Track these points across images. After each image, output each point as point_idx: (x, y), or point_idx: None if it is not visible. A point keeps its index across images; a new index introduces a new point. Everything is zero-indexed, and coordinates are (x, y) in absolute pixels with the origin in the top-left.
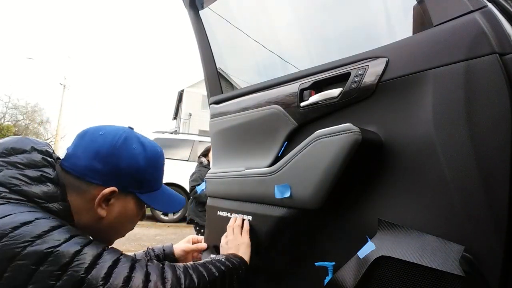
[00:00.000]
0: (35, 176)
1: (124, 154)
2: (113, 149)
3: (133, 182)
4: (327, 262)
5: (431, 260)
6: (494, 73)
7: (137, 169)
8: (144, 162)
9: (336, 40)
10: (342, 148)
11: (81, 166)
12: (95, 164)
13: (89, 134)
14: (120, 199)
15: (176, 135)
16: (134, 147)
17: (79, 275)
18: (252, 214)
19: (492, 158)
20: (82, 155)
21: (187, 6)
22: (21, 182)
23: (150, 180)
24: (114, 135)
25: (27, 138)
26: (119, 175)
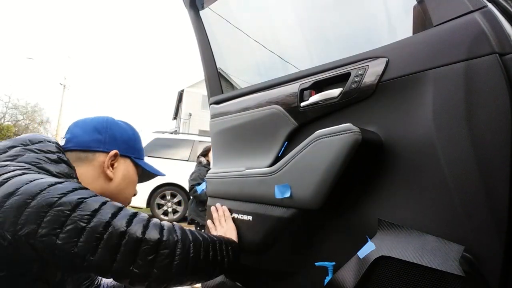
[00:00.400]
0: (53, 158)
1: (116, 126)
2: (107, 123)
3: (128, 148)
4: (327, 262)
5: (431, 260)
6: (494, 73)
7: (128, 137)
8: (131, 132)
9: (336, 40)
10: (342, 148)
11: (86, 141)
12: (96, 136)
13: (81, 122)
14: (121, 162)
15: (176, 135)
16: (120, 123)
17: (106, 219)
18: (252, 214)
19: (492, 158)
20: (83, 133)
21: (187, 6)
22: (42, 161)
23: (139, 148)
24: (102, 117)
25: (37, 134)
26: (116, 141)
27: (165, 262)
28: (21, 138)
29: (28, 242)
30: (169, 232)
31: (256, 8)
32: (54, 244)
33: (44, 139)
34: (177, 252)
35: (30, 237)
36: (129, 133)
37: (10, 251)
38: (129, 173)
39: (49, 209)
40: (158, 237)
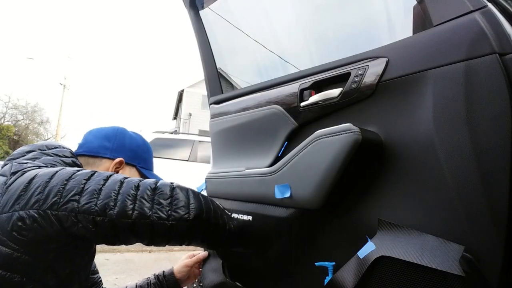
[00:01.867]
0: (67, 162)
1: (125, 135)
2: (117, 132)
3: (135, 157)
4: (327, 262)
5: (431, 260)
6: (494, 73)
7: (137, 146)
8: (141, 142)
9: (336, 40)
10: (342, 148)
11: (95, 147)
12: (105, 143)
13: (95, 129)
14: (126, 170)
15: (176, 135)
16: (131, 133)
17: (120, 178)
18: (252, 214)
19: (492, 158)
20: (94, 140)
21: (187, 6)
22: (58, 163)
23: (146, 158)
24: (113, 127)
25: (53, 141)
26: (123, 149)
27: (180, 204)
28: (39, 144)
29: (53, 214)
30: (179, 186)
31: (256, 8)
32: (76, 208)
33: (60, 145)
34: (191, 199)
35: (53, 208)
36: (138, 142)
37: (34, 230)
38: None
39: (67, 182)
40: (170, 185)
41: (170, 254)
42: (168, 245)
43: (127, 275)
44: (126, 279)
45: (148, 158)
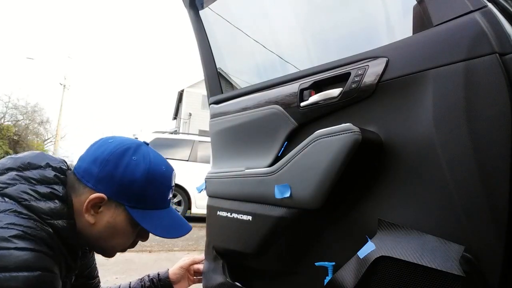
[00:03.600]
0: (44, 192)
1: (121, 162)
2: (111, 156)
3: (124, 194)
4: (327, 262)
5: (431, 260)
6: (494, 73)
7: (132, 180)
8: (141, 175)
9: (336, 40)
10: (342, 148)
11: (82, 168)
12: (92, 168)
13: (101, 141)
14: (110, 209)
15: (176, 135)
16: (133, 158)
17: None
18: (252, 214)
19: (492, 158)
20: (86, 158)
21: (187, 6)
22: (30, 197)
23: (144, 196)
24: (119, 144)
25: (43, 154)
26: (112, 182)
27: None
28: (23, 159)
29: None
30: None
31: (255, 8)
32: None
33: (47, 163)
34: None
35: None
36: (134, 175)
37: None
38: (117, 223)
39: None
40: None
41: (170, 254)
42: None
43: (127, 275)
44: (126, 279)
45: (151, 195)
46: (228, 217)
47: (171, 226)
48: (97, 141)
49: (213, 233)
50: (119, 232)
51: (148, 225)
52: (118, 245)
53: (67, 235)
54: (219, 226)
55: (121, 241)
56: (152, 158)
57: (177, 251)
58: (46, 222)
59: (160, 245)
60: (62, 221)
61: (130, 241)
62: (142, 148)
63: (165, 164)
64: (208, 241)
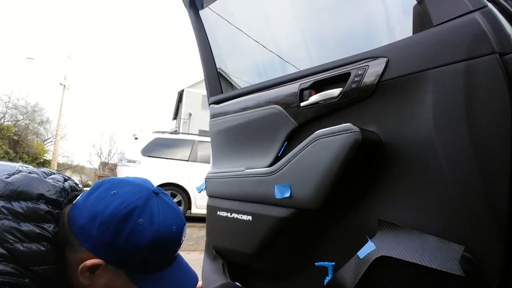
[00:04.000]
0: (31, 233)
1: (124, 228)
2: (113, 218)
3: (126, 261)
4: (327, 262)
5: (431, 260)
6: (494, 73)
7: (137, 249)
8: (147, 242)
9: (336, 40)
10: (342, 148)
11: (78, 225)
12: (90, 228)
13: (102, 189)
14: (108, 271)
15: (176, 135)
16: (139, 222)
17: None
18: (252, 214)
19: (492, 157)
20: (83, 212)
21: (187, 6)
22: (14, 239)
23: (150, 262)
24: (123, 202)
25: (40, 181)
26: (113, 249)
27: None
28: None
29: None
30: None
31: (255, 7)
32: None
33: (40, 194)
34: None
35: None
36: (141, 242)
37: None
38: (115, 286)
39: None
40: None
41: None
42: None
43: None
44: None
45: (158, 260)
46: (228, 217)
47: (175, 285)
48: (98, 185)
49: (213, 233)
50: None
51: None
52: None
53: (53, 281)
54: (219, 226)
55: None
56: (161, 218)
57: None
58: (28, 269)
59: None
60: (48, 266)
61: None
62: (151, 205)
63: (176, 222)
64: (208, 241)
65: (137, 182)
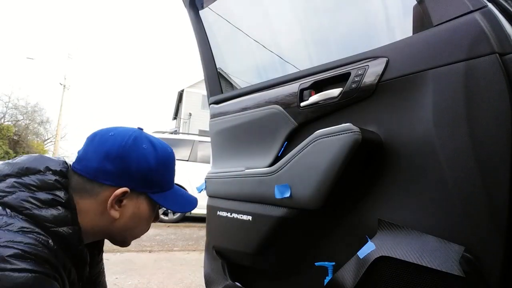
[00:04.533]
0: (46, 199)
1: (134, 154)
2: (123, 150)
3: (144, 182)
4: (327, 262)
5: (431, 260)
6: (494, 73)
7: (148, 169)
8: (154, 162)
9: (336, 40)
10: (342, 148)
11: (93, 168)
12: (106, 165)
13: (99, 136)
14: (132, 199)
15: (176, 135)
16: (144, 147)
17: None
18: (252, 214)
19: (492, 157)
20: (93, 157)
21: (187, 6)
22: (32, 205)
23: (161, 180)
24: (124, 136)
25: (42, 156)
26: (130, 175)
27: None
28: (20, 164)
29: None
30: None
31: (255, 7)
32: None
33: (46, 167)
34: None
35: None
36: (150, 163)
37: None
38: (141, 211)
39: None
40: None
41: (170, 254)
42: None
43: (127, 275)
44: (126, 279)
45: (166, 179)
46: (228, 217)
47: (184, 201)
48: (93, 136)
49: (213, 233)
50: (142, 219)
51: (170, 205)
52: (142, 231)
53: (73, 242)
54: (219, 226)
55: (144, 227)
56: (155, 142)
57: (177, 251)
58: (50, 231)
59: (160, 245)
60: (67, 228)
61: (150, 225)
62: (143, 135)
63: (168, 146)
64: (208, 241)
65: (122, 126)
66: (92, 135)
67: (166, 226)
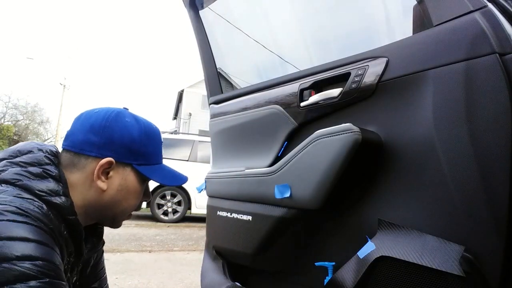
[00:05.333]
0: (37, 172)
1: (117, 125)
2: (106, 122)
3: (129, 153)
4: (327, 262)
5: (431, 260)
6: (494, 73)
7: (131, 139)
8: (137, 133)
9: (336, 40)
10: (342, 148)
11: (79, 141)
12: (91, 137)
13: (85, 113)
14: (119, 171)
15: (176, 135)
16: (127, 120)
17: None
18: (252, 214)
19: (492, 157)
20: (79, 131)
21: (187, 6)
22: (23, 177)
23: (146, 152)
24: (107, 111)
25: (33, 141)
26: (113, 145)
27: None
28: (12, 149)
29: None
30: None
31: (256, 7)
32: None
33: (36, 147)
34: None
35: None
36: (132, 135)
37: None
38: (128, 183)
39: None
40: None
41: (170, 254)
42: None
43: (127, 275)
44: (126, 279)
45: (151, 151)
46: (228, 217)
47: (173, 175)
48: (80, 115)
49: (213, 233)
50: (130, 192)
51: (157, 177)
52: (130, 206)
53: (66, 212)
54: (219, 226)
55: (132, 201)
56: (139, 117)
57: (177, 251)
58: (42, 199)
59: (160, 245)
60: (59, 198)
61: (139, 200)
62: (128, 112)
63: (151, 122)
64: (208, 241)
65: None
66: (78, 115)
67: (166, 226)
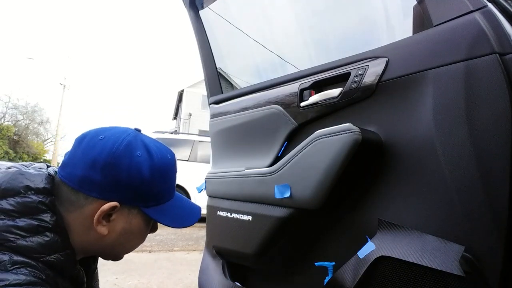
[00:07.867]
0: (30, 227)
1: (124, 163)
2: (112, 158)
3: (137, 196)
4: (327, 262)
5: (431, 260)
6: (494, 73)
7: (141, 180)
8: (149, 172)
9: (336, 40)
10: (342, 148)
11: (78, 176)
12: (92, 175)
13: (88, 138)
14: (123, 214)
15: (176, 135)
16: (137, 154)
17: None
18: (252, 214)
19: (492, 157)
20: (79, 163)
21: (187, 6)
22: (15, 236)
23: (157, 192)
24: (115, 141)
25: (20, 173)
26: (119, 187)
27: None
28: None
29: None
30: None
31: (255, 7)
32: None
33: (26, 186)
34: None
35: None
36: (143, 173)
37: None
38: (133, 227)
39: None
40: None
41: (170, 254)
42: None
43: (127, 275)
44: (126, 279)
45: (163, 190)
46: (228, 217)
47: (185, 214)
48: (82, 137)
49: (213, 233)
50: (135, 234)
51: (167, 220)
52: (134, 245)
53: (67, 268)
54: (219, 226)
55: (137, 241)
56: (152, 147)
57: (177, 251)
58: (40, 261)
59: (160, 245)
60: (58, 255)
61: (144, 239)
62: (142, 138)
63: (167, 151)
64: (208, 241)
65: (117, 126)
66: (81, 136)
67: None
